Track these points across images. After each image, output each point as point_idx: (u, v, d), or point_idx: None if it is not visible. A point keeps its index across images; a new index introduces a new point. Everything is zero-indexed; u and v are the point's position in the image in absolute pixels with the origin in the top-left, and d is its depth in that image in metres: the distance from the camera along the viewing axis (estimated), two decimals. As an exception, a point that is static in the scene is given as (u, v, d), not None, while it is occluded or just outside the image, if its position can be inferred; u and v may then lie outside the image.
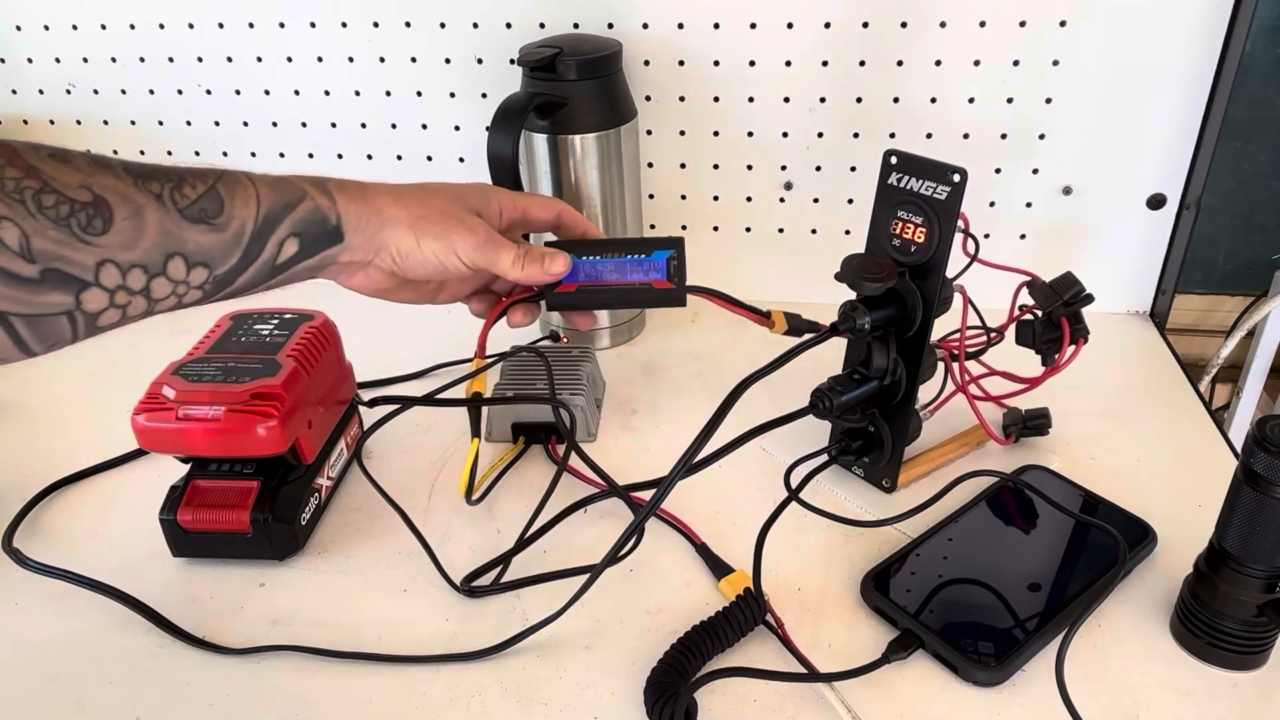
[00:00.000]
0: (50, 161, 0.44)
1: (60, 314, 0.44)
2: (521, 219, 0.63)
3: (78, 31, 0.91)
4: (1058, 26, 0.79)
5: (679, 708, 0.49)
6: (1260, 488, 0.48)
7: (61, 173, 0.43)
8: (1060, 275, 0.66)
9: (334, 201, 0.54)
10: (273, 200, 0.51)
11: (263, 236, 0.51)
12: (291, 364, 0.62)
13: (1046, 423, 0.71)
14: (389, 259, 0.56)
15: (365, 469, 0.67)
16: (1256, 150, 1.03)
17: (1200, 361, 1.09)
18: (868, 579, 0.59)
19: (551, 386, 0.71)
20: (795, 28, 0.82)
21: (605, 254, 0.63)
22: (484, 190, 0.62)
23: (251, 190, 0.51)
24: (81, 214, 0.43)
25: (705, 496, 0.64)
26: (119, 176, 0.45)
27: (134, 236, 0.45)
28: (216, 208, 0.49)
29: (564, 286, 0.63)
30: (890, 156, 0.61)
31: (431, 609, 0.59)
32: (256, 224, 0.50)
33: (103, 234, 0.44)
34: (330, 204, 0.54)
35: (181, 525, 0.61)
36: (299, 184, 0.53)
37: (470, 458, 0.65)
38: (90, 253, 0.44)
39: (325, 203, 0.53)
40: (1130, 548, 0.59)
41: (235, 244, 0.49)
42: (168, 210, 0.46)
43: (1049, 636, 0.54)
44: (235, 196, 0.50)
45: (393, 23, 0.87)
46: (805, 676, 0.53)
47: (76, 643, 0.58)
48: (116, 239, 0.44)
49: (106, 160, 0.46)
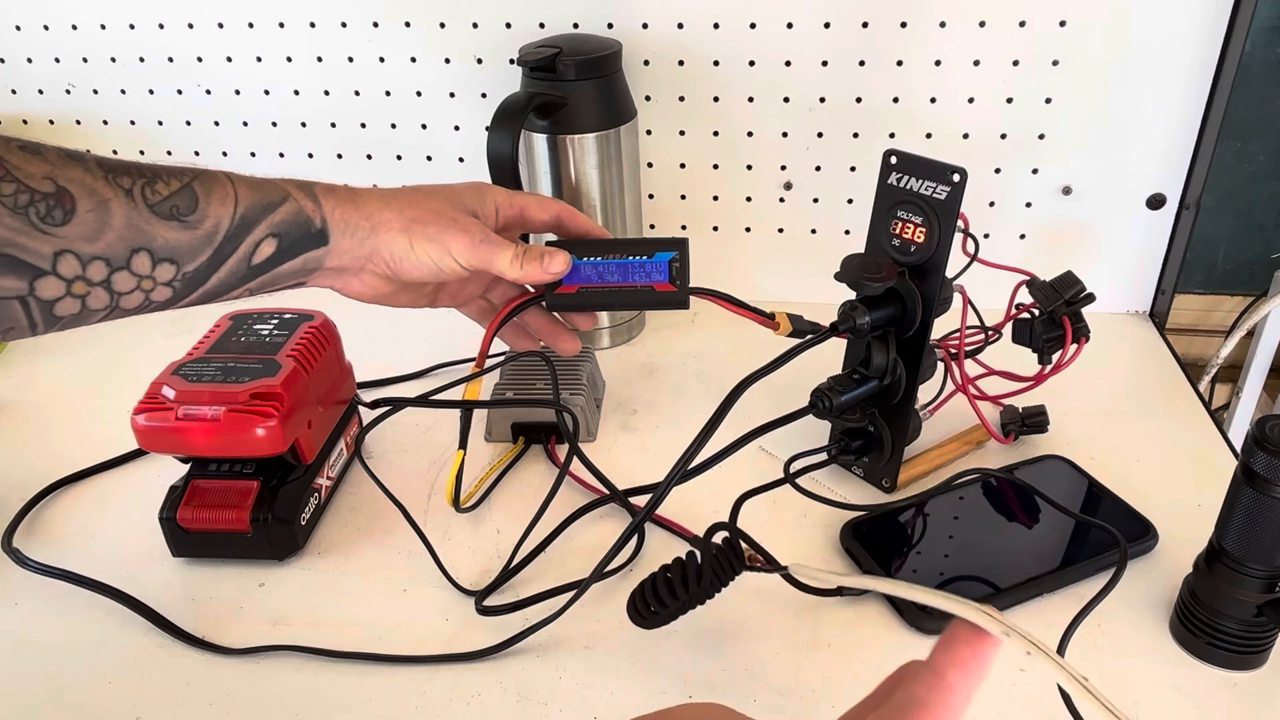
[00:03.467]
0: (18, 153, 0.44)
1: (12, 298, 0.44)
2: (519, 218, 0.62)
3: (78, 31, 0.91)
4: (1058, 26, 0.79)
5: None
6: (1260, 487, 0.48)
7: (27, 163, 0.44)
8: (1061, 274, 0.66)
9: (319, 205, 0.53)
10: (251, 200, 0.51)
11: (237, 236, 0.50)
12: (291, 364, 0.62)
13: (1044, 420, 0.71)
14: (383, 263, 0.56)
15: (369, 469, 0.67)
16: (1256, 150, 1.03)
17: (1200, 361, 1.09)
18: (847, 526, 0.62)
19: (555, 390, 0.71)
20: (795, 28, 0.82)
21: (607, 255, 0.62)
22: (479, 189, 0.61)
23: (229, 189, 0.50)
24: (41, 204, 0.44)
25: (705, 496, 0.64)
26: (89, 170, 0.46)
27: (97, 229, 0.45)
28: (190, 205, 0.48)
29: (564, 288, 0.62)
30: (890, 156, 0.61)
31: (431, 609, 0.59)
32: (232, 224, 0.50)
33: (62, 224, 0.44)
34: (315, 207, 0.53)
35: (181, 525, 0.61)
36: (282, 186, 0.53)
37: (455, 468, 0.64)
38: (47, 242, 0.44)
39: (309, 205, 0.53)
40: (1129, 541, 0.59)
41: (207, 242, 0.49)
42: (136, 205, 0.46)
43: (1011, 600, 0.57)
44: (212, 194, 0.49)
45: (392, 23, 0.87)
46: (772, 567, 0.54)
47: (76, 643, 0.58)
48: (77, 230, 0.45)
49: (79, 155, 0.46)
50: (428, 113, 0.91)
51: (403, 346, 0.84)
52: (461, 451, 0.64)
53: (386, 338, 0.79)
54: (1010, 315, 0.69)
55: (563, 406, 0.69)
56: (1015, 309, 0.69)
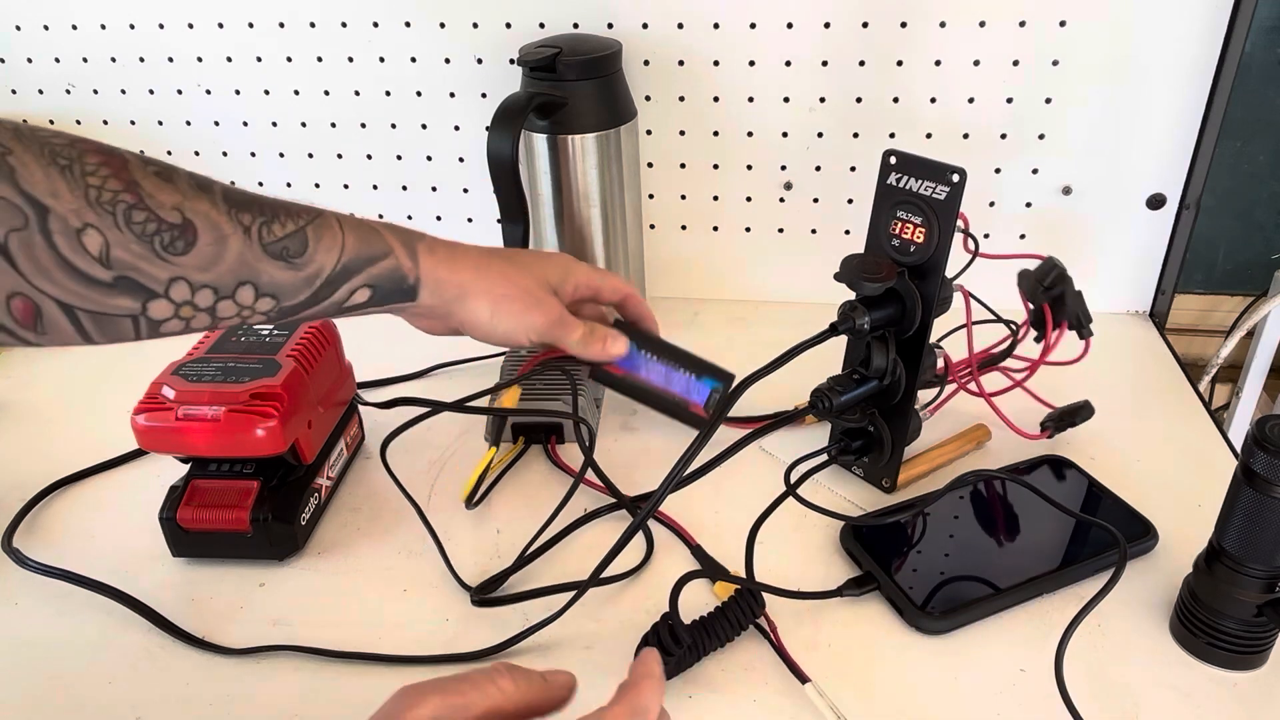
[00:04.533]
0: (153, 179, 0.46)
1: (125, 316, 0.46)
2: (592, 297, 0.66)
3: (78, 31, 0.91)
4: (1058, 26, 0.79)
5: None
6: (1259, 487, 0.48)
7: (160, 191, 0.46)
8: (1041, 263, 0.66)
9: (417, 264, 0.56)
10: (356, 250, 0.53)
11: (336, 282, 0.53)
12: (291, 364, 0.62)
13: (1085, 415, 0.71)
14: (458, 323, 0.59)
15: (389, 468, 0.68)
16: (1256, 150, 1.03)
17: (1200, 361, 1.09)
18: (848, 527, 0.62)
19: (574, 403, 0.71)
20: (795, 28, 0.82)
21: (661, 357, 0.67)
22: (565, 267, 0.64)
23: (339, 237, 0.52)
24: (166, 234, 0.46)
25: (705, 496, 0.64)
26: (215, 204, 0.48)
27: (212, 261, 0.47)
28: (300, 247, 0.51)
29: (612, 367, 0.68)
30: (890, 156, 0.61)
31: (431, 609, 0.59)
32: (334, 270, 0.52)
33: (182, 254, 0.46)
34: (412, 265, 0.56)
35: (181, 525, 0.61)
36: (387, 239, 0.55)
37: (482, 466, 0.67)
38: (166, 269, 0.46)
39: (408, 264, 0.56)
40: (1129, 541, 0.59)
41: (308, 285, 0.52)
42: (251, 243, 0.49)
43: (1011, 600, 0.57)
44: (321, 240, 0.52)
45: (393, 23, 0.87)
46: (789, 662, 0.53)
47: (76, 643, 0.58)
48: (194, 260, 0.47)
49: (209, 185, 0.48)
50: (428, 113, 0.91)
51: (403, 347, 0.83)
52: (494, 449, 0.69)
53: (386, 338, 0.79)
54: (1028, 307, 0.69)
55: (580, 419, 0.69)
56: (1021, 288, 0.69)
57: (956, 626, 0.56)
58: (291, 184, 0.97)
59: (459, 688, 0.37)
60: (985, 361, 0.71)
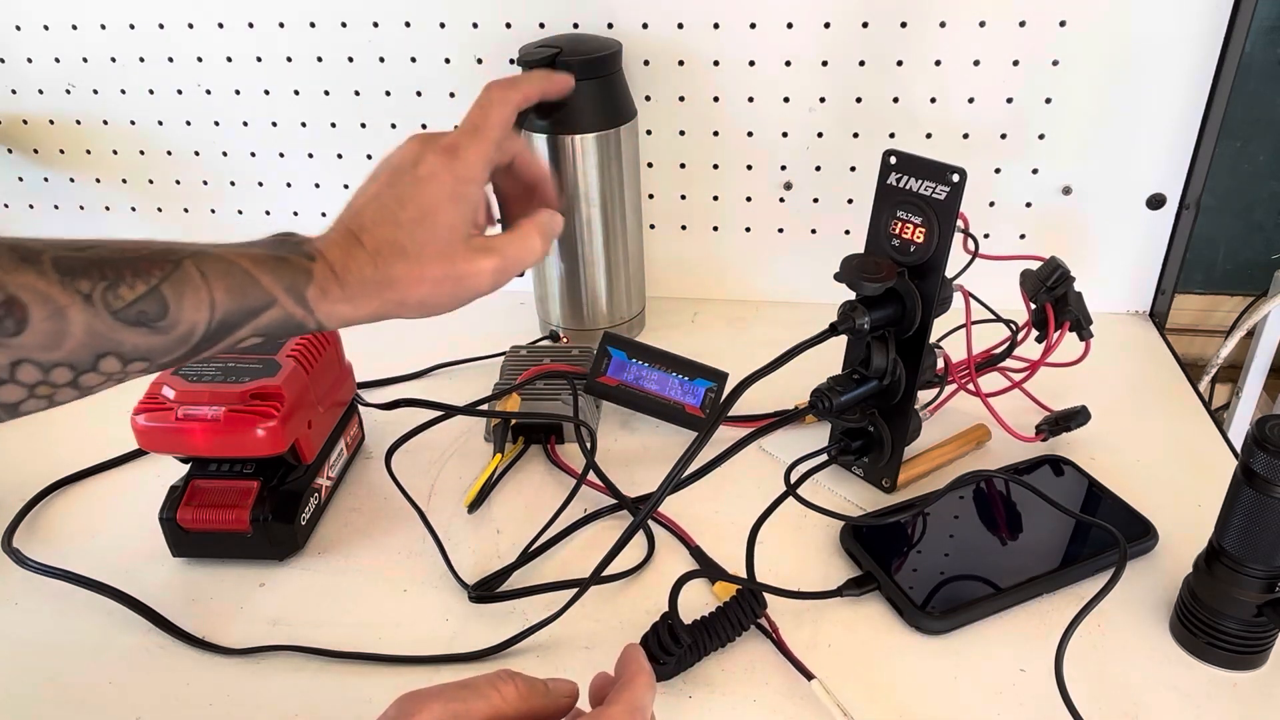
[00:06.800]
0: None
1: None
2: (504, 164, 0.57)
3: (78, 31, 0.91)
4: (1058, 26, 0.79)
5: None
6: (1259, 487, 0.48)
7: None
8: (1044, 262, 0.66)
9: (311, 311, 0.48)
10: (228, 305, 0.45)
11: (215, 338, 0.46)
12: (291, 364, 0.62)
13: (1081, 419, 0.71)
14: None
15: (392, 473, 0.68)
16: (1256, 150, 1.03)
17: (1200, 361, 1.09)
18: (848, 527, 0.62)
19: (575, 406, 0.71)
20: (795, 28, 0.82)
21: (655, 364, 0.69)
22: (457, 199, 0.53)
23: (205, 294, 0.45)
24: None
25: (706, 496, 0.64)
26: (42, 273, 0.41)
27: (54, 337, 0.41)
28: (159, 310, 0.44)
29: (606, 378, 0.70)
30: (890, 156, 0.61)
31: (431, 609, 0.59)
32: (210, 328, 0.45)
33: (15, 335, 0.40)
34: (306, 313, 0.48)
35: (181, 525, 0.61)
36: (267, 285, 0.46)
37: (487, 473, 0.68)
38: (2, 353, 0.40)
39: (300, 312, 0.48)
40: (1129, 541, 0.59)
41: (182, 344, 0.45)
42: (98, 312, 0.42)
43: (1011, 600, 0.57)
44: (184, 298, 0.44)
45: (392, 23, 0.87)
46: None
47: (76, 643, 0.58)
48: (33, 339, 0.41)
49: (35, 253, 0.42)
50: (428, 113, 0.91)
51: (403, 347, 0.84)
52: (499, 455, 0.70)
53: (386, 338, 0.79)
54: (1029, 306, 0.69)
55: (581, 422, 0.70)
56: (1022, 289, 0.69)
57: (956, 626, 0.56)
58: (291, 184, 0.97)
59: (460, 694, 0.37)
60: (985, 362, 0.71)
